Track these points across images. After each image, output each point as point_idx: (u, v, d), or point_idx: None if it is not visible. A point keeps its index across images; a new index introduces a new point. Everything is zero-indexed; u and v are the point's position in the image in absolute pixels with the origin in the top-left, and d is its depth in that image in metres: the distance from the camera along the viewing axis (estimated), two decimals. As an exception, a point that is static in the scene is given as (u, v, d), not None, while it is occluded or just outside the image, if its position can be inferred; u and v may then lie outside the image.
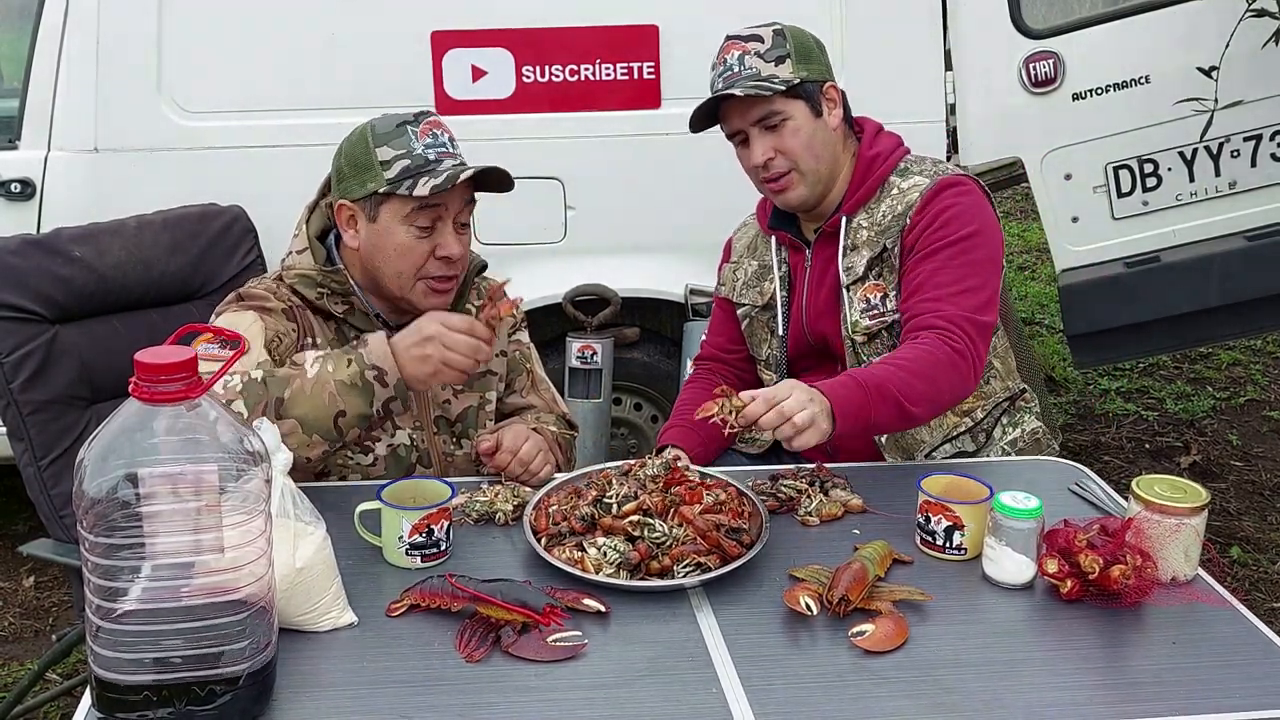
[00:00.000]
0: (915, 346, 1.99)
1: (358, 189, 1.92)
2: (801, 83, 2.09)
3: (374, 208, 1.92)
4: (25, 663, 2.99)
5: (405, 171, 1.88)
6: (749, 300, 2.32)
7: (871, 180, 2.15)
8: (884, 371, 1.93)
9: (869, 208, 2.15)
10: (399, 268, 1.93)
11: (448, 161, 1.91)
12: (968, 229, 2.07)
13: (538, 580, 1.60)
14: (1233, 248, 3.24)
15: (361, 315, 1.99)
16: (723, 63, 2.13)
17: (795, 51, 2.10)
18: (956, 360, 1.98)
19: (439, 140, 1.93)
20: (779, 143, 2.10)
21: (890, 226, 2.12)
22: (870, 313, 2.13)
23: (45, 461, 2.14)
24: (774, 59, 2.09)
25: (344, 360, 1.82)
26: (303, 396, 1.77)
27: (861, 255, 2.13)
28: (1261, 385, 4.73)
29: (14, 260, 2.14)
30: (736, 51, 2.11)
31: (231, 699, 1.31)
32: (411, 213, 1.90)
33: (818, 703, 1.39)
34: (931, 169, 2.16)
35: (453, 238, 1.94)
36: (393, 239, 1.92)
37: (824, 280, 2.20)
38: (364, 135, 1.93)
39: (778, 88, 2.06)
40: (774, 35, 2.11)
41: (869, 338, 2.14)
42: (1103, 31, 3.15)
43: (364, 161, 1.91)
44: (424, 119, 1.93)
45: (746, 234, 2.39)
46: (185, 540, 1.29)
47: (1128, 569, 1.56)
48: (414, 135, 1.90)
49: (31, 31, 2.94)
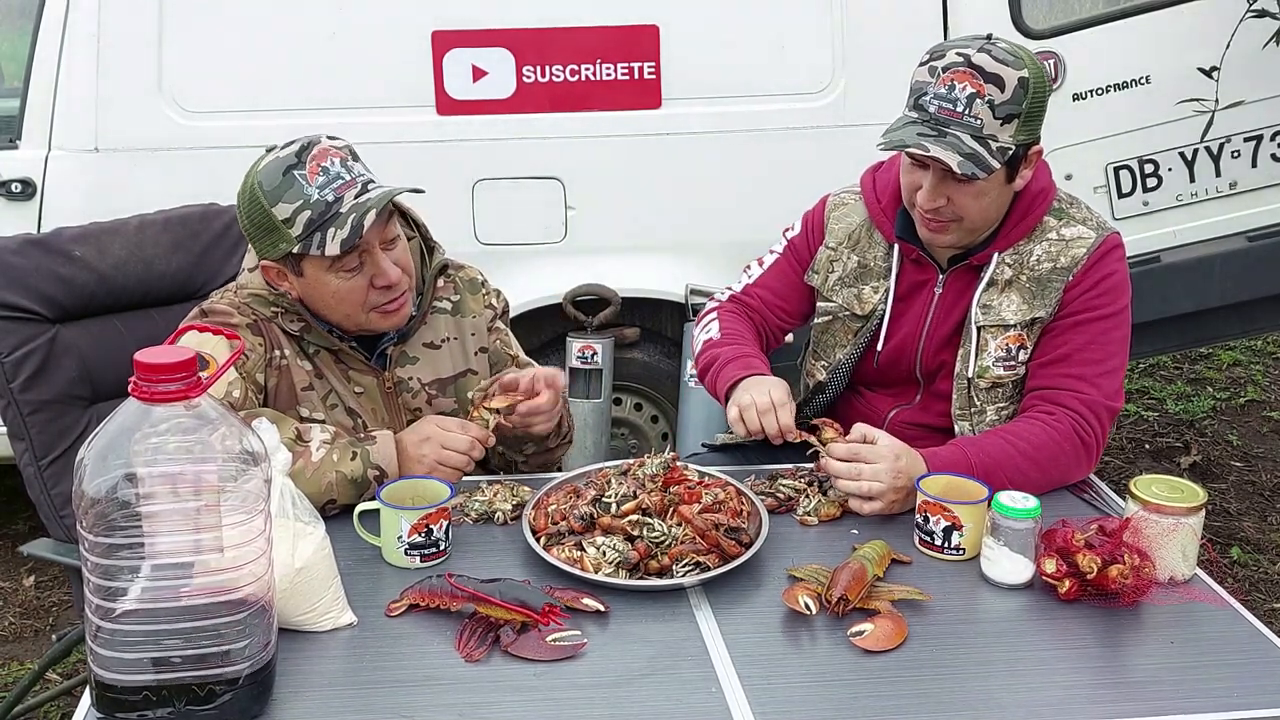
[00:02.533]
0: (1045, 429, 1.91)
1: (271, 250, 1.84)
2: (1013, 150, 1.87)
3: (295, 264, 1.85)
4: (25, 663, 2.99)
5: (310, 225, 1.78)
6: (840, 300, 2.15)
7: (1031, 218, 2.00)
8: (1001, 452, 1.88)
9: (1018, 245, 2.01)
10: (344, 310, 1.88)
11: (349, 195, 1.79)
12: (1121, 302, 1.99)
13: (537, 580, 1.60)
14: (1233, 248, 3.25)
15: (318, 332, 1.94)
16: (947, 87, 1.85)
17: (1028, 112, 1.85)
18: (1080, 453, 1.92)
19: (332, 174, 1.80)
20: (958, 197, 1.90)
21: (1050, 279, 1.98)
22: (1006, 362, 2.02)
23: (45, 461, 2.14)
24: (1004, 116, 1.84)
25: (349, 453, 1.80)
26: (301, 478, 1.71)
27: (1009, 300, 2.00)
28: (1262, 385, 4.73)
29: (14, 260, 2.14)
30: (970, 88, 1.83)
31: (231, 698, 1.31)
32: (334, 263, 1.82)
33: (816, 701, 1.39)
34: (1090, 217, 2.03)
35: (386, 264, 1.85)
36: (326, 289, 1.85)
37: (953, 311, 2.06)
38: (255, 196, 1.81)
39: (993, 164, 1.83)
40: (1017, 86, 1.83)
41: (993, 385, 2.04)
42: (1103, 31, 3.16)
43: (265, 224, 1.81)
44: (308, 155, 1.80)
45: (848, 218, 2.16)
46: (185, 540, 1.29)
47: (1125, 569, 1.56)
48: (304, 180, 1.78)
49: (32, 31, 2.94)
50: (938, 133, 1.85)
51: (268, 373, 1.91)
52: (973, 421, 2.05)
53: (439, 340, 2.05)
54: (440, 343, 2.05)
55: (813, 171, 2.57)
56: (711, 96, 3.08)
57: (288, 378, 1.93)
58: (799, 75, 3.09)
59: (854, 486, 1.82)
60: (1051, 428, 1.92)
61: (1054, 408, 1.95)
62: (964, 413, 2.06)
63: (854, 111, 3.06)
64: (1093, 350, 1.97)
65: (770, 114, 3.09)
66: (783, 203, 2.41)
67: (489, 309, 2.12)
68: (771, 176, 3.08)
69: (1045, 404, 1.96)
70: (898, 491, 1.81)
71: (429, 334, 2.04)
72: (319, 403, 1.95)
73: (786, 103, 3.09)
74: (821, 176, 2.36)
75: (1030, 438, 1.91)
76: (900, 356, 2.12)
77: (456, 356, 2.07)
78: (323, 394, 1.95)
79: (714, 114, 3.08)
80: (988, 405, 2.05)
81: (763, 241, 2.34)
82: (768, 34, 3.07)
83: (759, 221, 2.96)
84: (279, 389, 1.92)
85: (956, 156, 1.83)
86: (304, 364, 1.95)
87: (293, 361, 1.94)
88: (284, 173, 1.79)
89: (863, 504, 1.82)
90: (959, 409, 2.07)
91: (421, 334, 2.03)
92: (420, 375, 2.03)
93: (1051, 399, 1.96)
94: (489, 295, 2.14)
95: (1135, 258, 3.20)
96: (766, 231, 2.36)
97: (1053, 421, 1.93)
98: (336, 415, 1.96)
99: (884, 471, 1.81)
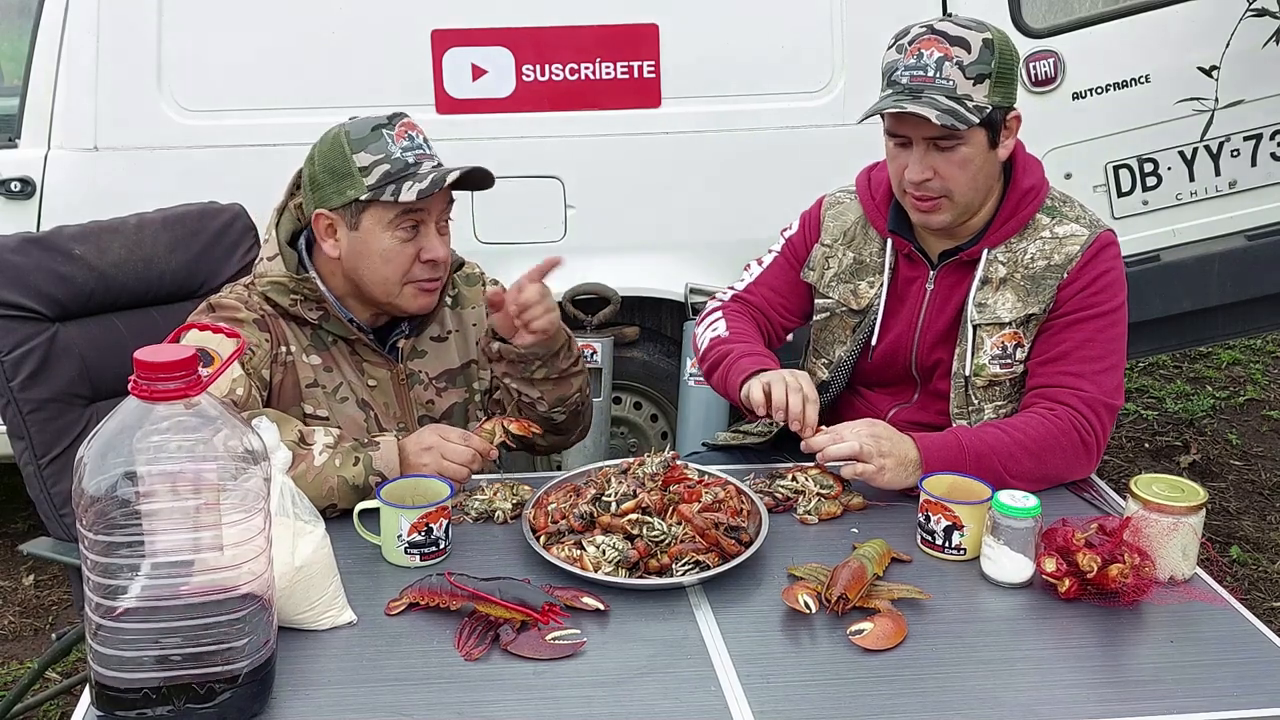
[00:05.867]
0: (1043, 422, 1.92)
1: (336, 198, 1.89)
2: (992, 110, 1.91)
3: (355, 215, 1.89)
4: (25, 661, 2.99)
5: (386, 177, 1.85)
6: (837, 296, 2.16)
7: (1022, 215, 2.02)
8: (995, 439, 1.89)
9: (1010, 243, 2.02)
10: (385, 274, 1.91)
11: (427, 164, 1.88)
12: (1117, 300, 1.99)
13: (537, 578, 1.60)
14: (1233, 247, 3.25)
15: (336, 321, 1.96)
16: (915, 57, 1.90)
17: (997, 71, 1.89)
18: (1079, 449, 1.92)
19: (415, 143, 1.89)
20: (943, 167, 1.93)
21: (1044, 277, 1.99)
22: (1003, 360, 2.02)
23: (45, 460, 2.14)
24: (974, 76, 1.88)
25: (351, 458, 1.80)
26: (303, 482, 1.72)
27: (1004, 298, 2.01)
28: (1261, 385, 4.73)
29: (14, 258, 2.14)
30: (936, 53, 1.88)
31: (231, 697, 1.31)
32: (395, 218, 1.87)
33: (816, 700, 1.39)
34: (1084, 214, 2.04)
35: (437, 240, 1.92)
36: (377, 245, 1.90)
37: (946, 308, 2.07)
38: (339, 141, 1.88)
39: (971, 119, 1.87)
40: (982, 46, 1.88)
41: (990, 383, 2.05)
42: (1103, 31, 3.16)
43: (342, 169, 1.87)
44: (398, 121, 1.89)
45: (843, 216, 2.19)
46: (185, 538, 1.29)
47: (1126, 568, 1.56)
48: (390, 139, 1.87)
49: (31, 30, 2.95)
50: (913, 97, 1.89)
51: (273, 369, 1.93)
52: (971, 420, 2.06)
53: (444, 333, 2.09)
54: (445, 336, 2.09)
55: (813, 171, 2.57)
56: (711, 96, 3.08)
57: (293, 374, 1.94)
58: (799, 75, 3.09)
59: (840, 448, 1.83)
60: (1049, 421, 1.92)
61: (1053, 404, 1.95)
62: (962, 411, 2.06)
63: (854, 111, 3.01)
64: (1090, 348, 1.97)
65: (770, 113, 3.09)
66: (782, 202, 2.41)
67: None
68: (771, 176, 3.08)
69: (1045, 401, 1.97)
70: (883, 456, 1.83)
71: (436, 328, 2.08)
72: (325, 398, 1.96)
73: (786, 102, 3.09)
74: (821, 176, 2.36)
75: (1026, 429, 1.92)
76: (895, 353, 2.13)
77: (460, 348, 2.11)
78: (333, 388, 1.97)
79: (714, 113, 3.08)
80: (985, 404, 2.05)
81: (762, 240, 2.34)
82: (767, 33, 3.07)
83: (759, 221, 2.96)
84: (284, 385, 1.94)
85: (934, 111, 1.86)
86: (312, 359, 1.96)
87: (299, 358, 1.95)
88: (373, 129, 1.88)
89: (856, 467, 1.83)
90: (957, 408, 2.07)
91: (429, 328, 2.07)
92: (428, 368, 2.06)
93: (1051, 397, 1.96)
94: (485, 285, 2.16)
95: (1135, 257, 3.22)
96: (766, 230, 2.36)
97: (1051, 416, 1.93)
98: (346, 409, 1.97)
99: (861, 432, 1.85)
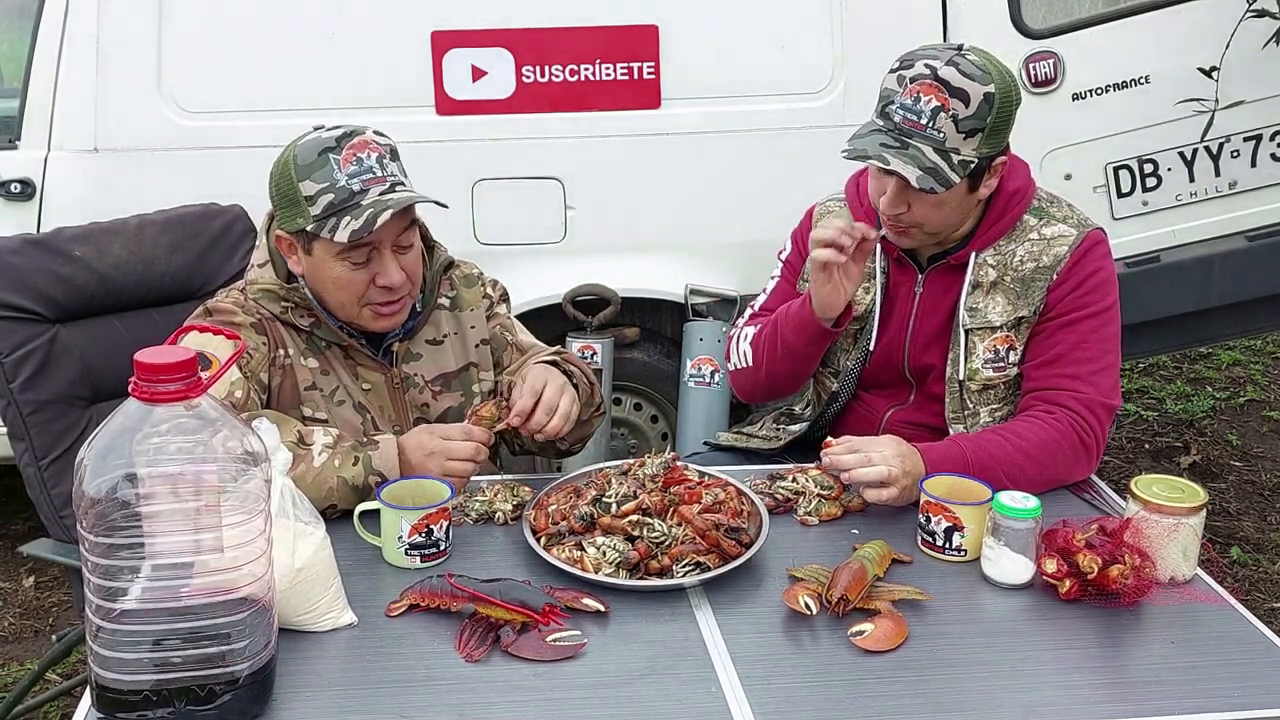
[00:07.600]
0: (1043, 427, 1.92)
1: (289, 223, 1.87)
2: (976, 163, 1.88)
3: (307, 242, 1.87)
4: (25, 663, 2.99)
5: (330, 208, 1.80)
6: None
7: (1009, 217, 2.01)
8: (997, 448, 1.88)
9: (999, 245, 2.01)
10: (340, 299, 1.90)
11: (374, 190, 1.81)
12: (1110, 298, 1.99)
13: (537, 580, 1.60)
14: (1233, 248, 3.25)
15: (328, 328, 1.95)
16: (913, 99, 1.85)
17: (992, 126, 1.86)
18: (1079, 452, 1.92)
19: (364, 166, 1.82)
20: (917, 206, 1.92)
21: (1033, 279, 1.98)
22: (995, 364, 2.02)
23: (45, 461, 2.14)
24: (967, 130, 1.85)
25: (351, 458, 1.79)
26: (303, 483, 1.71)
27: (994, 302, 2.00)
28: (1261, 385, 4.73)
29: (14, 260, 2.14)
30: (935, 101, 1.84)
31: (231, 698, 1.31)
32: (343, 251, 1.84)
33: (816, 702, 1.39)
34: (1071, 215, 2.03)
35: (392, 266, 1.87)
36: (329, 273, 1.87)
37: (936, 311, 2.06)
38: (288, 167, 1.84)
39: (952, 178, 1.85)
40: (982, 101, 1.84)
41: (984, 387, 2.05)
42: (1102, 31, 3.16)
43: (290, 196, 1.84)
44: (346, 144, 1.82)
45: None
46: (185, 540, 1.29)
47: (1126, 569, 1.56)
48: (336, 165, 1.81)
49: (31, 31, 2.94)
50: (900, 144, 1.87)
51: (271, 372, 1.92)
52: (967, 424, 2.06)
53: (440, 336, 2.07)
54: (442, 338, 2.07)
55: (812, 172, 2.56)
56: (711, 96, 3.08)
57: (291, 377, 1.94)
58: (799, 75, 3.09)
59: (870, 472, 1.80)
60: (1049, 425, 1.92)
61: (1052, 407, 1.95)
62: (957, 415, 2.06)
63: (854, 111, 3.04)
64: (1085, 349, 1.97)
65: (770, 114, 3.09)
66: (782, 203, 2.41)
67: (485, 299, 2.13)
68: (771, 176, 3.08)
69: (1043, 404, 1.96)
70: (907, 476, 1.81)
71: (431, 330, 2.06)
72: (323, 401, 1.95)
73: (786, 103, 3.09)
74: (821, 177, 2.35)
75: (1027, 434, 1.91)
76: (888, 357, 2.13)
77: (458, 351, 2.08)
78: (329, 391, 1.96)
79: (713, 114, 3.08)
80: (980, 408, 2.05)
81: (762, 241, 2.34)
82: (767, 34, 3.07)
83: (759, 221, 2.97)
84: (283, 388, 1.94)
85: (916, 170, 1.85)
86: (310, 362, 1.96)
87: (296, 360, 1.95)
88: (320, 153, 1.82)
89: (880, 492, 1.81)
90: (952, 412, 2.07)
91: (424, 330, 2.05)
92: (424, 371, 2.04)
93: (1048, 399, 1.96)
94: (484, 285, 2.15)
95: (1135, 257, 3.23)
96: (766, 232, 2.36)
97: (1050, 420, 1.93)
98: (343, 412, 1.96)
99: (892, 455, 1.82)
